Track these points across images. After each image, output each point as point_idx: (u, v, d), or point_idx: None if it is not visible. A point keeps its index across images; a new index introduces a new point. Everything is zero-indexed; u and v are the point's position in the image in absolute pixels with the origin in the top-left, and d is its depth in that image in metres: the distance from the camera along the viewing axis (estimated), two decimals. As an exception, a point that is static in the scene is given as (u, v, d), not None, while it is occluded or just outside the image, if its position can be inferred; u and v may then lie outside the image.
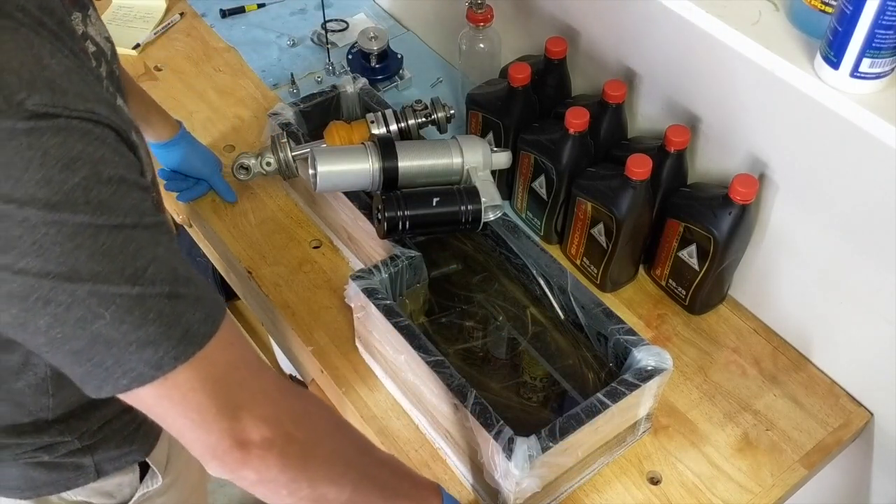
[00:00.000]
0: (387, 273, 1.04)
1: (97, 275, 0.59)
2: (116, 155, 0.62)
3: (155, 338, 0.62)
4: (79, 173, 0.58)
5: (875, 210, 0.95)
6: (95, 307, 0.60)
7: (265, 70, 1.56)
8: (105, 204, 0.59)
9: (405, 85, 1.53)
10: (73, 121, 0.59)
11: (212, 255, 1.40)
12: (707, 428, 1.06)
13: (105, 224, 0.59)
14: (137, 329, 0.61)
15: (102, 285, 0.60)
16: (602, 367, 1.04)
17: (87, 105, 0.60)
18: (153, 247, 0.63)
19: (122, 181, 0.61)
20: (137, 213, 0.62)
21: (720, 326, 1.17)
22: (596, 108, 1.16)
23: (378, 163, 1.06)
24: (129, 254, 0.61)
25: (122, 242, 0.60)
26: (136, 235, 0.61)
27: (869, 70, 0.76)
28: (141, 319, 0.61)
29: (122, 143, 0.64)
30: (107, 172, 0.60)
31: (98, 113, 0.61)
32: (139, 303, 0.61)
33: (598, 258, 1.17)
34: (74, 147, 0.58)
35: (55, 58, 0.62)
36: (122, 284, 0.60)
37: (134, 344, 0.62)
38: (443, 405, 0.96)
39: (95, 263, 0.59)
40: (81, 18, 0.76)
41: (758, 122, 1.05)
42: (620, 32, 1.19)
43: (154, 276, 0.62)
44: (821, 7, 0.81)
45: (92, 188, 0.58)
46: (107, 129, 0.62)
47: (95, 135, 0.60)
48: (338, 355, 1.13)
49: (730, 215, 1.04)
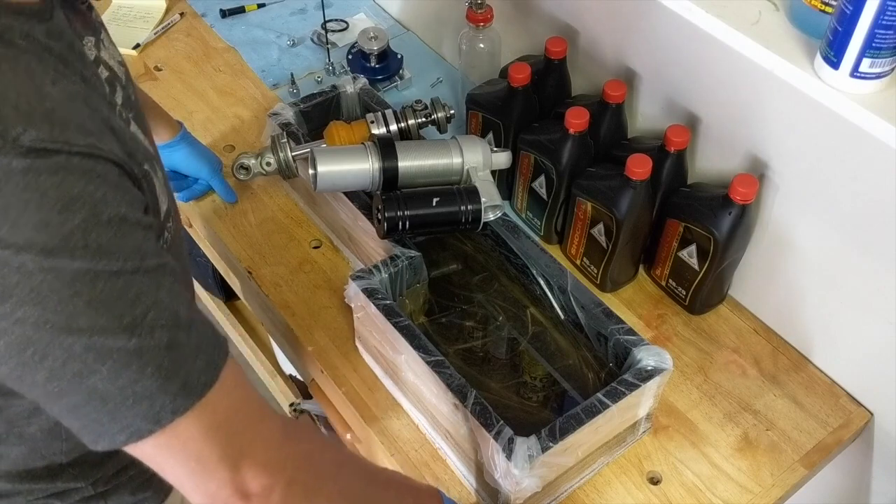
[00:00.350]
0: (387, 273, 1.05)
1: (94, 326, 0.57)
2: (118, 192, 0.59)
3: (152, 392, 0.60)
4: (78, 215, 0.56)
5: (875, 210, 0.95)
6: (92, 362, 0.58)
7: (265, 70, 1.56)
8: (104, 248, 0.57)
9: (405, 85, 1.53)
10: (74, 158, 0.56)
11: (212, 255, 1.40)
12: (707, 428, 1.06)
13: (104, 270, 0.57)
14: (134, 383, 0.60)
15: (100, 338, 0.58)
16: (602, 367, 1.04)
17: (88, 139, 0.58)
18: (154, 291, 0.61)
19: (122, 221, 0.59)
20: (138, 256, 0.60)
21: (720, 326, 1.17)
22: (596, 108, 1.16)
23: (378, 163, 1.06)
24: (127, 301, 0.59)
25: (121, 289, 0.58)
26: (136, 280, 0.59)
27: (869, 70, 0.76)
28: (138, 373, 0.60)
29: (126, 179, 0.62)
30: (107, 213, 0.58)
31: (100, 147, 0.59)
32: (137, 356, 0.59)
33: (598, 258, 1.17)
34: (74, 187, 0.56)
35: (58, 85, 0.60)
36: (119, 336, 0.58)
37: (130, 398, 0.60)
38: (443, 405, 0.96)
39: (93, 312, 0.57)
40: (94, 43, 0.74)
41: (758, 122, 1.05)
42: (620, 32, 1.19)
43: (153, 324, 0.60)
44: (821, 7, 0.81)
45: (91, 231, 0.56)
46: (109, 164, 0.59)
47: (97, 172, 0.58)
48: (338, 355, 1.12)
49: (730, 215, 1.04)
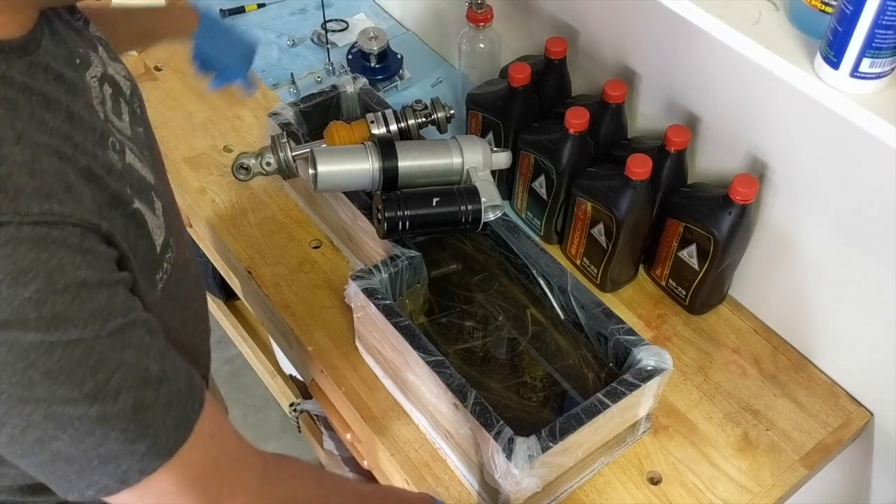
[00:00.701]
0: (387, 273, 1.05)
1: (52, 395, 0.56)
2: (78, 255, 0.57)
3: (118, 453, 0.59)
4: (30, 287, 0.54)
5: (875, 210, 0.95)
6: (52, 430, 0.57)
7: (265, 70, 1.56)
8: (60, 317, 0.55)
9: (405, 85, 1.53)
10: (25, 227, 0.54)
11: (212, 255, 1.41)
12: (707, 428, 1.06)
13: (60, 340, 0.55)
14: (98, 446, 0.58)
15: (59, 406, 0.56)
16: (602, 367, 1.04)
17: (45, 205, 0.55)
18: (119, 352, 0.59)
19: (81, 286, 0.56)
20: (101, 320, 0.57)
21: (720, 326, 1.17)
22: (596, 108, 1.16)
23: (378, 163, 1.06)
24: (88, 367, 0.57)
25: (81, 356, 0.56)
26: (98, 345, 0.57)
27: (869, 70, 0.76)
28: (102, 438, 0.58)
29: (92, 238, 0.59)
30: (63, 281, 0.55)
31: (57, 213, 0.56)
32: (99, 423, 0.58)
33: (598, 258, 1.17)
34: (25, 257, 0.54)
35: (24, 140, 0.57)
36: (80, 404, 0.57)
37: (95, 460, 0.59)
38: (443, 405, 0.96)
39: (51, 382, 0.55)
40: (99, 59, 0.73)
41: (758, 122, 1.05)
42: (620, 32, 1.19)
43: (118, 387, 0.58)
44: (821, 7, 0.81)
45: (45, 301, 0.54)
46: (68, 228, 0.57)
47: (52, 239, 0.55)
48: (338, 355, 1.12)
49: (730, 215, 1.04)
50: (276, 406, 2.03)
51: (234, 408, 2.10)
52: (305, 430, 1.69)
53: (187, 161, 1.39)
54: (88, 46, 0.74)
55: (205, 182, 1.35)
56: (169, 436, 0.62)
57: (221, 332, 2.09)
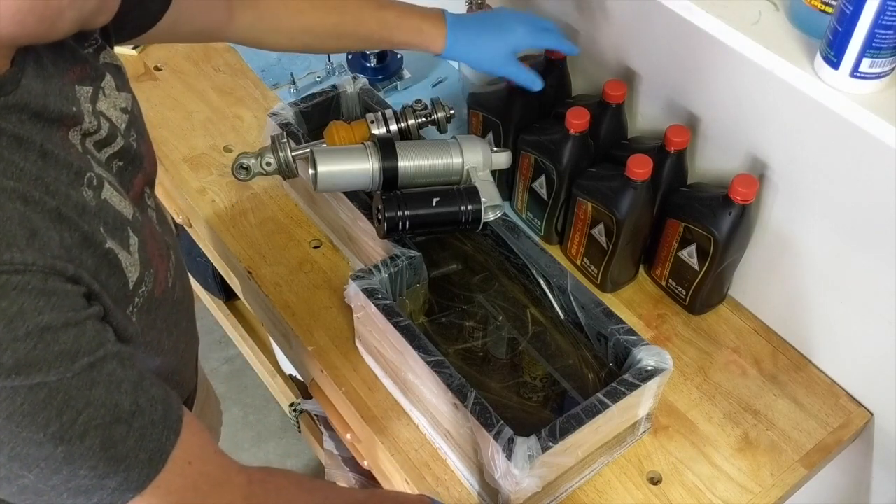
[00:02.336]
0: (387, 273, 1.04)
1: (16, 439, 0.55)
2: (41, 299, 0.56)
3: (88, 487, 0.59)
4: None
5: (875, 210, 0.95)
6: (18, 470, 0.57)
7: (265, 70, 1.56)
8: (22, 363, 0.54)
9: (405, 85, 1.53)
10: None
11: (212, 255, 1.41)
12: (707, 428, 1.06)
13: (22, 385, 0.55)
14: (67, 482, 0.58)
15: (23, 448, 0.56)
16: (602, 367, 1.04)
17: (4, 255, 0.55)
18: (87, 391, 0.58)
19: (45, 330, 0.56)
20: (66, 361, 0.57)
21: (720, 326, 1.17)
22: (596, 108, 1.16)
23: (378, 163, 1.06)
24: (53, 409, 0.56)
25: (45, 399, 0.56)
26: (63, 387, 0.56)
27: (869, 70, 0.76)
28: (70, 475, 0.58)
29: (55, 279, 0.58)
30: (24, 327, 0.55)
31: (18, 262, 0.55)
32: (67, 462, 0.57)
33: (598, 258, 1.17)
34: None
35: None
36: (45, 445, 0.56)
37: (65, 493, 0.59)
38: (443, 405, 0.96)
39: (14, 425, 0.55)
40: (90, 94, 0.71)
41: (758, 122, 1.05)
42: (620, 32, 1.19)
43: (86, 426, 0.58)
44: (821, 7, 0.81)
45: (5, 349, 0.54)
46: (29, 274, 0.56)
47: (13, 285, 0.55)
48: (338, 355, 1.13)
49: (730, 215, 1.04)
50: (276, 406, 2.03)
51: (233, 408, 2.11)
52: (305, 430, 1.69)
53: (187, 161, 1.39)
54: (89, 79, 0.72)
55: (205, 182, 1.35)
56: (142, 469, 0.61)
57: (221, 332, 2.09)
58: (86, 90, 0.71)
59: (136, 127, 0.79)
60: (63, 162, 0.64)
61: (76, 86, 0.69)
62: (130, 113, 0.78)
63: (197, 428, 0.67)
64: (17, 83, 0.61)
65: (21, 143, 0.60)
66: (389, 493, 0.90)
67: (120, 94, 0.76)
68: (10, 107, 0.60)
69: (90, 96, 0.71)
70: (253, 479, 0.72)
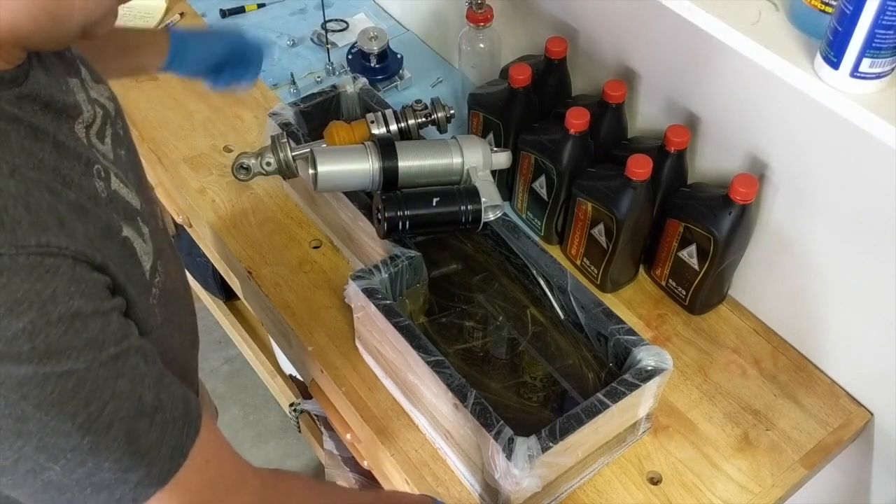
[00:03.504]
0: (387, 273, 1.04)
1: (44, 428, 0.56)
2: (72, 285, 0.57)
3: (111, 483, 0.59)
4: (23, 317, 0.54)
5: (875, 210, 0.95)
6: (44, 461, 0.57)
7: (265, 70, 1.55)
8: (53, 348, 0.55)
9: (405, 85, 1.53)
10: (20, 258, 0.54)
11: (212, 255, 1.41)
12: (707, 428, 1.06)
13: (53, 371, 0.55)
14: (91, 476, 0.58)
15: (51, 438, 0.56)
16: (602, 367, 1.04)
17: (41, 237, 0.56)
18: (113, 381, 0.59)
19: (75, 316, 0.56)
20: (94, 349, 0.57)
21: (720, 326, 1.17)
22: (596, 108, 1.16)
23: (378, 163, 1.06)
24: (81, 398, 0.57)
25: (74, 387, 0.56)
26: (91, 376, 0.57)
27: (869, 70, 0.76)
28: (94, 468, 0.58)
29: (84, 266, 0.59)
30: (57, 311, 0.55)
31: (52, 245, 0.56)
32: (92, 454, 0.58)
33: (598, 258, 1.17)
34: (20, 288, 0.54)
35: (17, 175, 0.57)
36: (72, 435, 0.57)
37: (88, 489, 0.59)
38: (443, 405, 0.96)
39: (43, 414, 0.55)
40: (79, 84, 0.72)
41: (758, 122, 1.05)
42: (620, 32, 1.19)
43: (111, 418, 0.58)
44: (821, 7, 0.81)
45: (38, 333, 0.54)
46: (61, 258, 0.57)
47: (46, 267, 0.55)
48: (338, 355, 1.13)
49: (730, 215, 1.04)
50: (276, 406, 2.03)
51: (233, 408, 2.11)
52: (305, 430, 1.69)
53: (187, 161, 1.39)
54: (71, 68, 0.73)
55: (205, 182, 1.36)
56: (164, 464, 0.62)
57: (221, 332, 2.09)
58: (75, 81, 0.72)
59: (121, 116, 0.80)
60: (74, 153, 0.65)
61: (66, 77, 0.71)
62: (114, 101, 0.79)
63: (214, 428, 0.68)
64: (27, 74, 0.63)
65: (37, 133, 0.61)
66: (394, 495, 0.90)
67: (99, 84, 0.77)
68: (24, 97, 0.61)
69: (80, 86, 0.72)
70: (266, 482, 0.72)
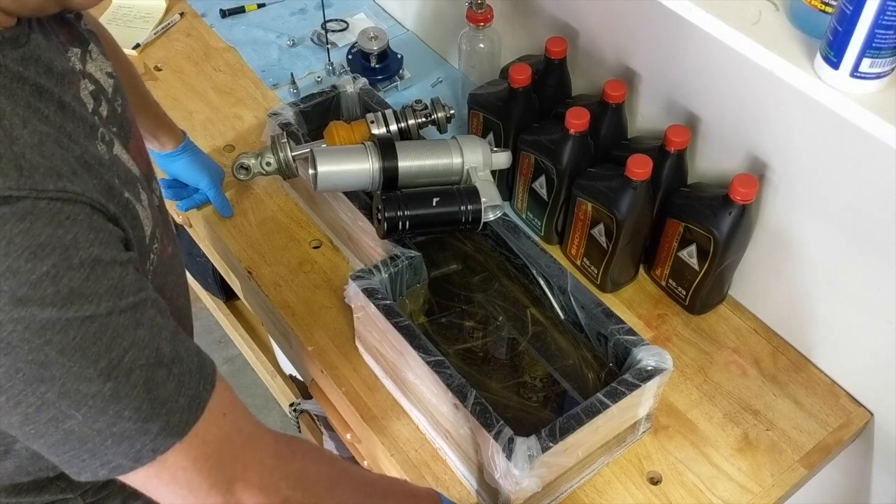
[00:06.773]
0: (387, 273, 1.05)
1: (68, 373, 0.56)
2: (91, 232, 0.58)
3: (131, 433, 0.60)
4: (47, 261, 0.54)
5: (875, 210, 0.95)
6: (66, 408, 0.57)
7: (265, 70, 1.56)
8: (76, 293, 0.56)
9: (405, 85, 1.53)
10: (41, 202, 0.55)
11: (212, 255, 1.40)
12: (707, 428, 1.06)
13: (76, 316, 0.56)
14: (112, 425, 0.59)
15: (74, 384, 0.57)
16: (602, 367, 1.04)
17: (58, 183, 0.57)
18: (132, 330, 0.59)
19: (96, 262, 0.57)
20: (114, 296, 0.58)
21: (720, 326, 1.17)
22: (596, 108, 1.16)
23: (378, 163, 1.06)
24: (103, 344, 0.57)
25: (96, 333, 0.57)
26: (112, 322, 0.58)
27: (869, 70, 0.76)
28: (116, 416, 0.59)
29: (101, 217, 0.60)
30: (78, 256, 0.56)
31: (71, 190, 0.57)
32: (113, 401, 0.58)
33: (598, 258, 1.17)
34: (42, 232, 0.54)
35: (28, 126, 0.58)
36: (94, 381, 0.57)
37: (109, 440, 0.59)
38: (443, 405, 0.96)
39: (66, 359, 0.56)
40: (80, 55, 0.72)
41: (758, 122, 1.05)
42: (620, 32, 1.19)
43: (131, 365, 0.59)
44: (821, 7, 0.81)
45: (62, 277, 0.55)
46: (80, 205, 0.58)
47: (66, 215, 0.56)
48: (338, 355, 1.13)
49: (730, 215, 1.04)
50: (277, 406, 2.03)
51: (234, 408, 2.10)
52: (305, 430, 1.69)
53: (187, 161, 1.39)
54: (77, 41, 0.74)
55: (205, 182, 1.35)
56: (182, 414, 0.62)
57: (221, 332, 2.09)
58: (76, 51, 0.72)
59: (122, 93, 0.80)
60: (79, 115, 0.66)
61: (68, 47, 0.71)
62: (115, 78, 0.79)
63: (227, 384, 0.69)
64: (27, 37, 0.63)
65: (42, 92, 0.62)
66: (398, 480, 0.90)
67: (105, 60, 0.78)
68: (28, 58, 0.62)
69: (80, 57, 0.73)
70: (280, 440, 0.73)
